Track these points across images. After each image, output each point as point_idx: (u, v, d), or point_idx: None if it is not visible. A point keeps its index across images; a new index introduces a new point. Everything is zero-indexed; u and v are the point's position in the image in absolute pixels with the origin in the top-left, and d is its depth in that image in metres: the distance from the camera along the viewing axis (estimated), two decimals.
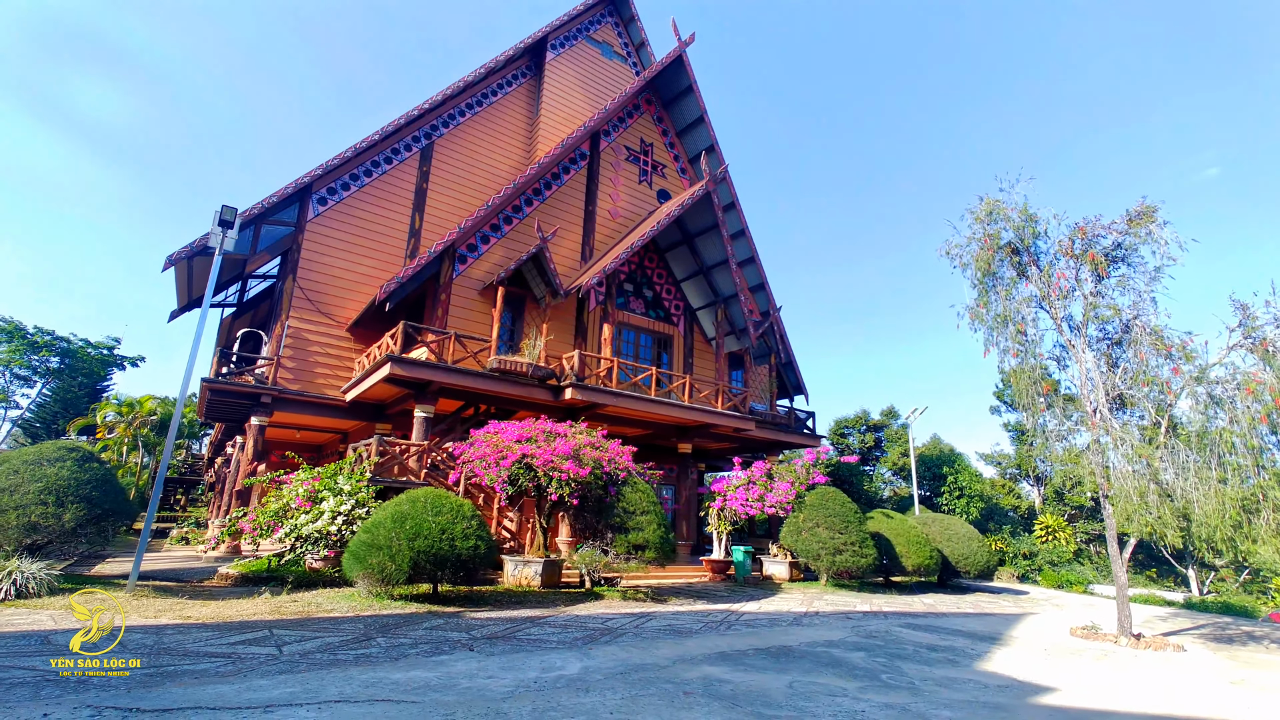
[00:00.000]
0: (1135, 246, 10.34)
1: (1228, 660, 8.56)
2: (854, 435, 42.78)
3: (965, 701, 5.38)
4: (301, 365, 15.02)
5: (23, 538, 7.75)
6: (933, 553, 15.26)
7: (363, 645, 6.08)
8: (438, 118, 18.37)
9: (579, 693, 4.87)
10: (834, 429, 46.79)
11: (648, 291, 18.32)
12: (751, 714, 4.61)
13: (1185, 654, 8.83)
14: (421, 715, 4.11)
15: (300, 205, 15.85)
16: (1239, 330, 9.13)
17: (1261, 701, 6.20)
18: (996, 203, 11.16)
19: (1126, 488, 9.12)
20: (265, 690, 4.47)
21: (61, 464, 8.25)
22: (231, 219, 9.08)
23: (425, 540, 8.15)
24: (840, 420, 46.04)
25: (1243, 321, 9.07)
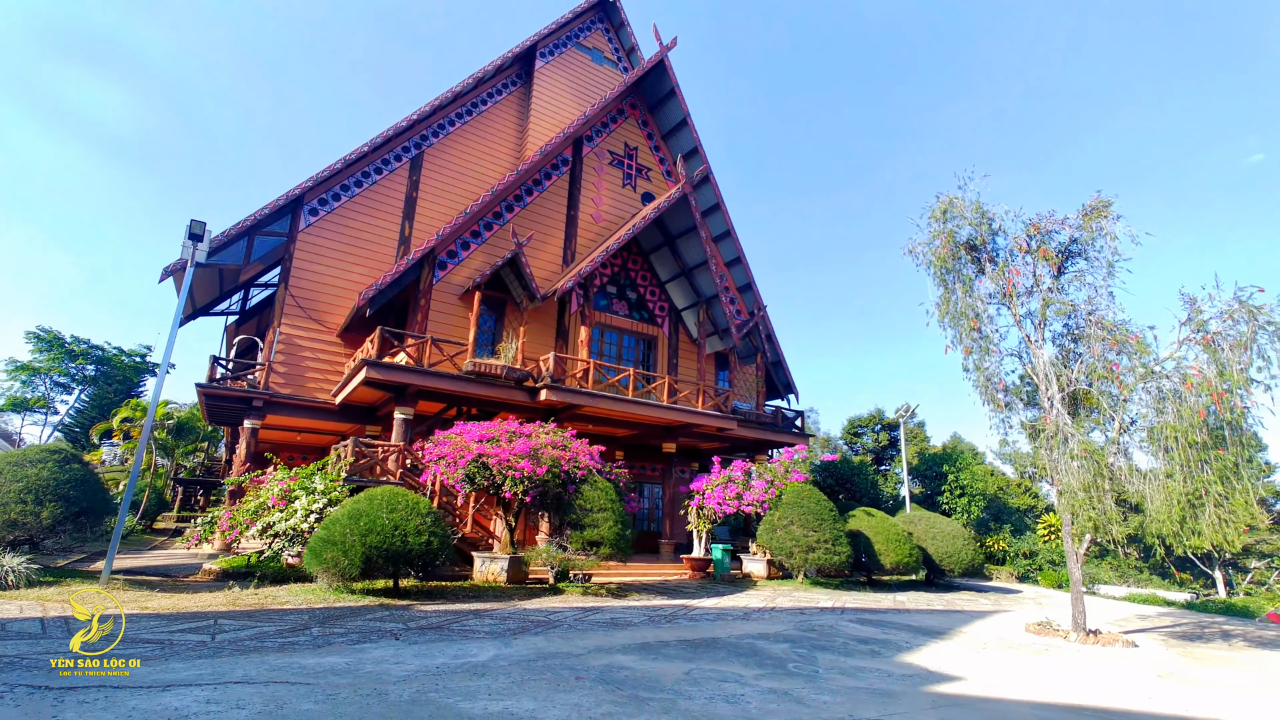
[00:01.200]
0: (1091, 241, 10.30)
1: (1177, 656, 8.51)
2: (868, 434, 42.45)
3: (856, 688, 5.55)
4: (293, 370, 15.61)
5: (4, 534, 8.34)
6: (912, 550, 15.24)
7: (295, 634, 6.46)
8: (428, 128, 18.87)
9: (473, 677, 5.17)
10: (847, 428, 46.43)
11: (631, 294, 18.58)
12: (630, 697, 4.86)
13: (1134, 650, 8.80)
14: (307, 695, 4.44)
15: (292, 216, 16.46)
16: (1189, 324, 9.05)
17: (1170, 691, 6.22)
18: (952, 200, 11.18)
19: (1071, 483, 9.10)
20: (176, 673, 4.86)
21: (42, 465, 8.84)
22: (200, 233, 9.60)
23: (378, 536, 8.53)
24: (854, 419, 45.67)
25: (1191, 316, 8.98)
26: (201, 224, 9.55)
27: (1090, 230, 10.24)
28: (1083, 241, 10.41)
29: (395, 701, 4.39)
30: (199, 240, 9.63)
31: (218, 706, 4.07)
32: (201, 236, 9.67)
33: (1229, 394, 8.12)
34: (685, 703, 4.80)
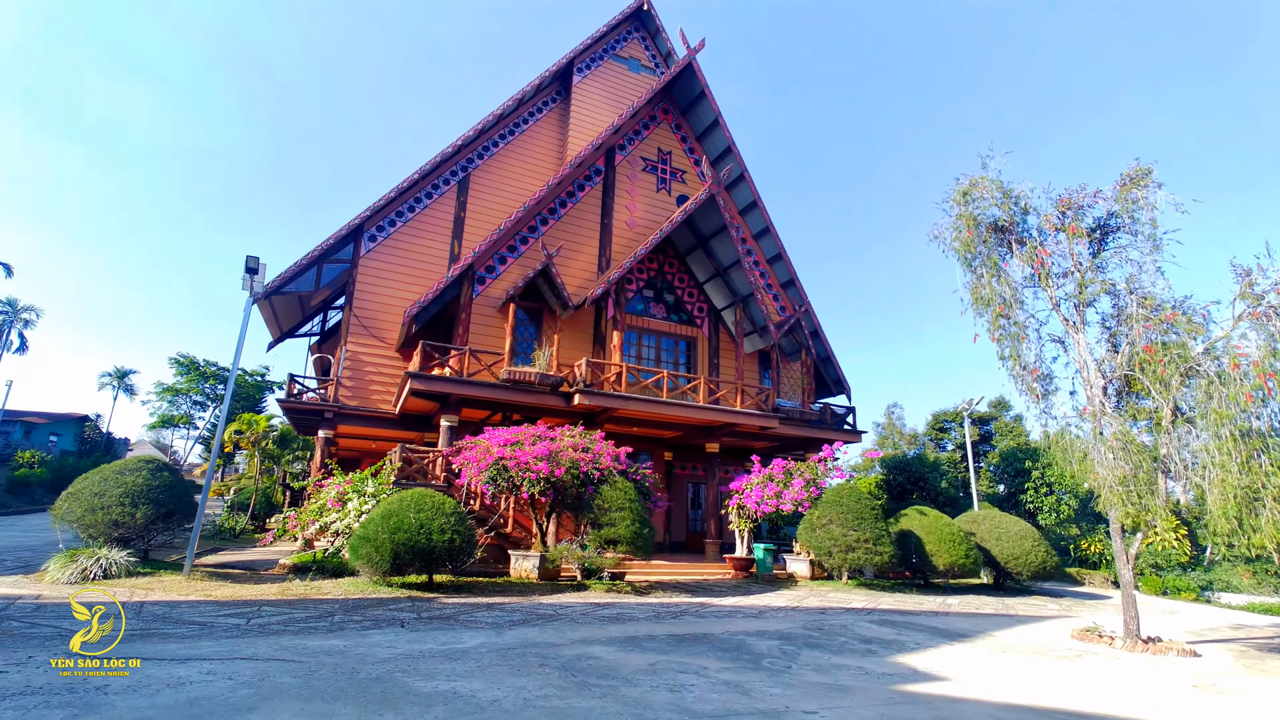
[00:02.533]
0: (1130, 214, 9.46)
1: (1240, 668, 7.68)
2: (955, 429, 40.10)
3: (816, 684, 5.55)
4: (359, 384, 17.09)
5: (110, 531, 9.85)
6: (970, 551, 14.43)
7: (317, 621, 7.26)
8: (473, 151, 20.02)
9: (445, 661, 5.67)
10: (931, 423, 44.06)
11: (669, 296, 18.80)
12: (578, 683, 5.17)
13: (1190, 659, 8.01)
14: (292, 670, 5.09)
15: (354, 243, 18.03)
16: (1244, 299, 8.13)
17: (1191, 701, 5.71)
18: (975, 181, 10.60)
19: (1107, 476, 8.41)
20: (200, 649, 5.69)
21: (138, 473, 10.35)
22: (255, 266, 10.88)
23: (405, 534, 9.32)
24: (939, 414, 43.27)
25: (1243, 290, 8.07)
26: (256, 259, 10.83)
27: (1128, 202, 9.42)
28: (1121, 214, 9.59)
29: (362, 678, 4.95)
30: (255, 274, 10.91)
31: (212, 677, 4.78)
32: (257, 270, 10.95)
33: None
34: (627, 689, 5.04)
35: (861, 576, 15.03)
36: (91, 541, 9.88)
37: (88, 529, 9.84)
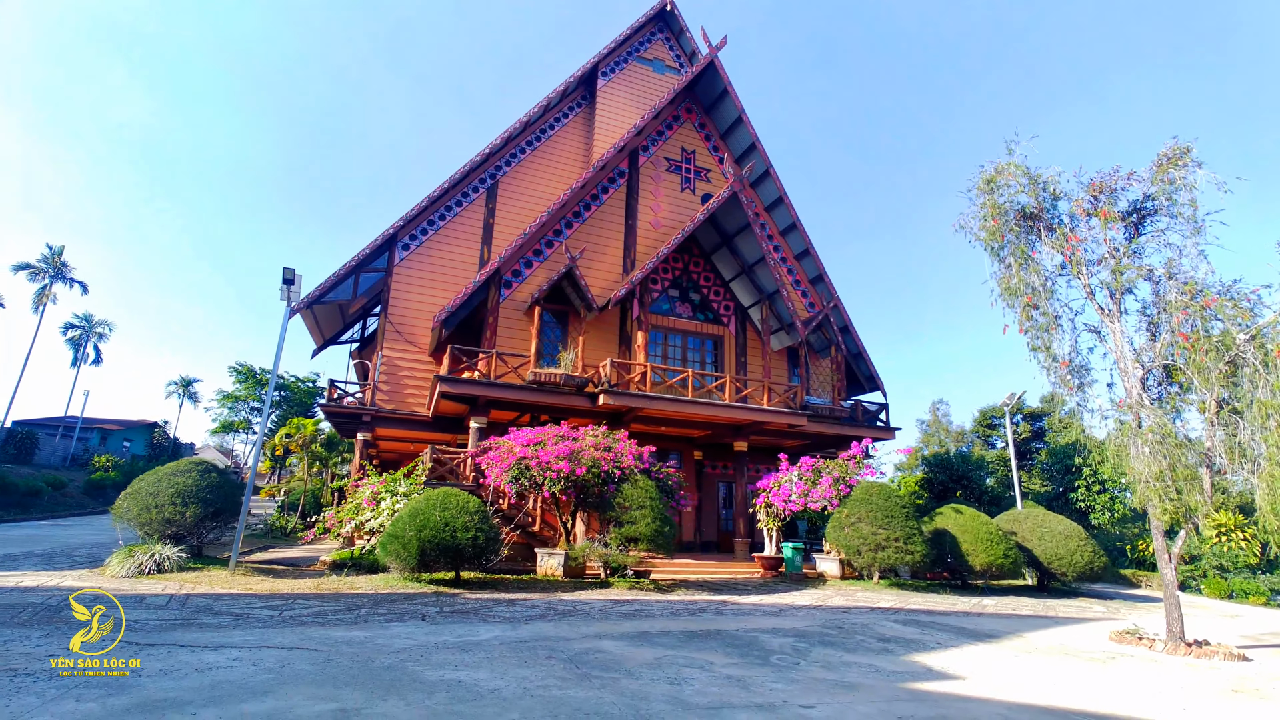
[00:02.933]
0: (1168, 195, 9.01)
1: None
2: (1004, 426, 38.70)
3: (822, 680, 5.52)
4: (395, 388, 17.68)
5: (164, 529, 10.52)
6: (1009, 551, 13.95)
7: (344, 613, 7.61)
8: (501, 158, 20.46)
9: (457, 652, 5.88)
10: (979, 420, 42.65)
11: (695, 295, 18.79)
12: (581, 675, 5.29)
13: (1237, 664, 7.58)
14: (311, 658, 5.38)
15: (389, 253, 18.66)
16: None
17: (1222, 706, 5.43)
18: (1000, 168, 10.28)
19: (1142, 471, 8.03)
20: (232, 637, 6.06)
21: (188, 475, 11.02)
22: (291, 277, 11.45)
23: (430, 531, 9.65)
24: (986, 410, 41.86)
25: None
26: (291, 270, 11.40)
27: (1165, 183, 8.98)
28: (1158, 197, 9.14)
29: (375, 667, 5.19)
30: (291, 285, 11.48)
31: (238, 663, 5.11)
32: (293, 281, 11.52)
33: None
34: (628, 681, 5.14)
35: (895, 576, 14.70)
36: (147, 539, 10.57)
37: (144, 527, 10.54)
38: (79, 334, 48.08)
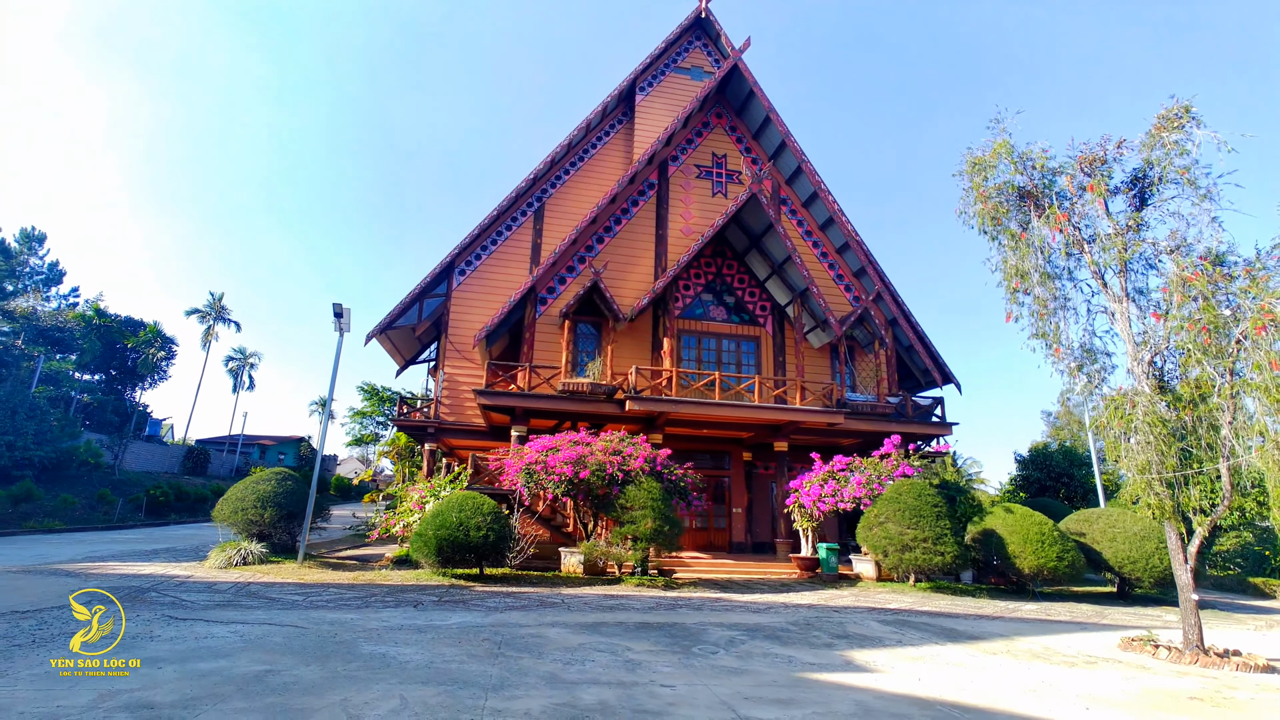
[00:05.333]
0: (1168, 161, 8.22)
1: None
2: None
3: (722, 668, 5.86)
4: (455, 402, 19.46)
5: (249, 529, 12.62)
6: (1064, 553, 12.86)
7: (357, 600, 8.91)
8: (546, 182, 21.79)
9: (414, 633, 6.86)
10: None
11: (729, 298, 18.93)
12: (494, 654, 6.05)
13: (1251, 674, 6.79)
14: (288, 633, 6.59)
15: (448, 279, 20.57)
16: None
17: (1150, 713, 5.09)
18: (991, 148, 9.77)
19: (1133, 462, 7.40)
20: (249, 615, 7.46)
21: (268, 482, 13.11)
22: (340, 311, 13.26)
23: (447, 531, 10.86)
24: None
25: None
26: (340, 304, 13.21)
27: (1165, 146, 8.19)
28: (1159, 163, 8.34)
29: (331, 641, 6.27)
30: (340, 317, 13.31)
31: (230, 634, 6.40)
32: (342, 314, 13.34)
33: None
34: (529, 660, 5.82)
35: (930, 579, 14.01)
36: (237, 536, 12.73)
37: (235, 527, 12.70)
38: (237, 364, 56.39)
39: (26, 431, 25.91)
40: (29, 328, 33.87)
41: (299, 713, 4.06)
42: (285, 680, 4.81)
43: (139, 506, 28.01)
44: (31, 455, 25.65)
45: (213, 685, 4.59)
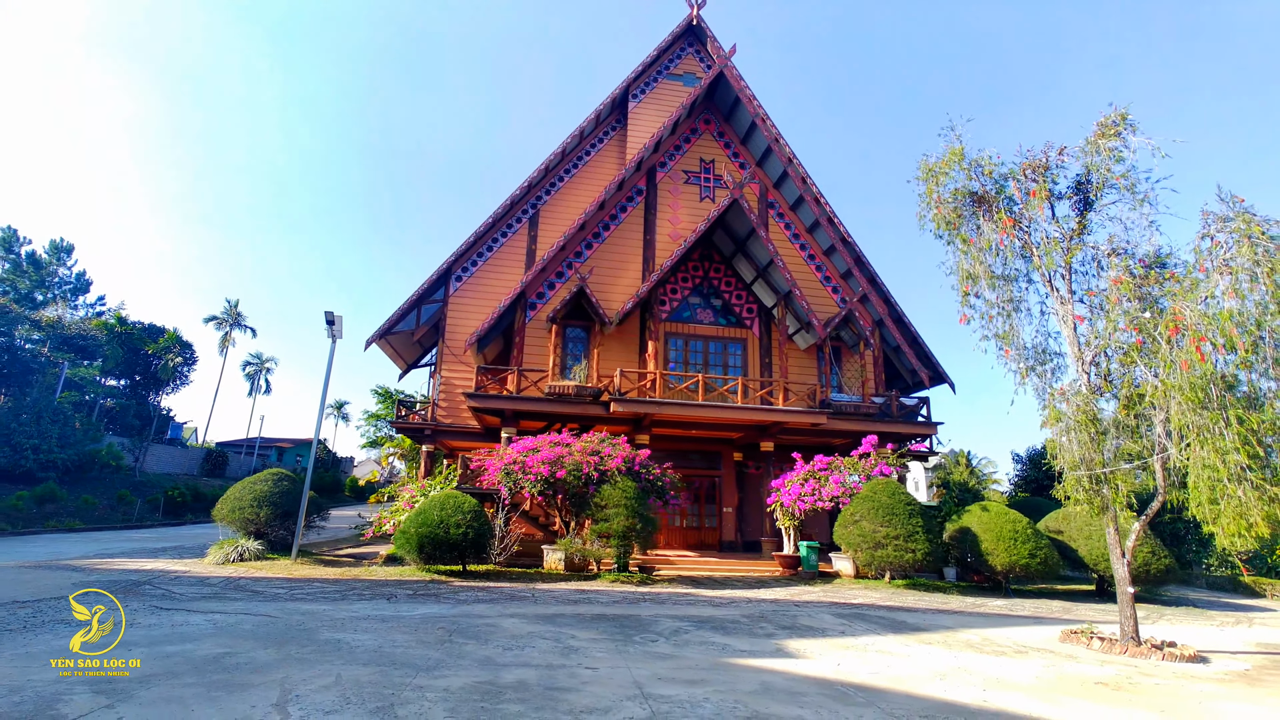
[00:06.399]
0: (1108, 167, 8.44)
1: (1228, 679, 6.62)
2: None
3: (653, 654, 6.25)
4: (452, 404, 20.04)
5: (247, 527, 13.26)
6: (1037, 550, 13.05)
7: (336, 594, 9.44)
8: (541, 189, 22.31)
9: (376, 622, 7.35)
10: None
11: (716, 300, 19.27)
12: (443, 641, 6.51)
13: (1176, 664, 7.02)
14: (257, 621, 7.12)
15: (445, 285, 21.18)
16: (1208, 254, 6.97)
17: (1047, 695, 5.38)
18: (944, 155, 10.05)
19: (1065, 459, 7.65)
20: (228, 606, 8.02)
21: (265, 483, 13.75)
22: (333, 319, 13.86)
23: (427, 528, 11.38)
24: None
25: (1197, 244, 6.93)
26: (331, 313, 13.81)
27: (1103, 153, 8.42)
28: (1098, 169, 8.57)
29: (296, 628, 6.78)
30: (332, 325, 13.91)
31: (205, 622, 6.94)
32: (334, 322, 13.94)
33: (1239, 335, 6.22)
34: (473, 647, 6.27)
35: (916, 576, 14.23)
36: (236, 534, 13.39)
37: (233, 525, 13.36)
38: (254, 369, 57.88)
39: (51, 435, 27.06)
40: (55, 336, 35.22)
41: (239, 687, 4.55)
42: (239, 661, 5.31)
43: (157, 507, 29.08)
44: (55, 458, 26.78)
45: (172, 665, 5.11)
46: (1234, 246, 6.39)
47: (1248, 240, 6.20)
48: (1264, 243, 6.11)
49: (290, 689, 4.54)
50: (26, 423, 26.71)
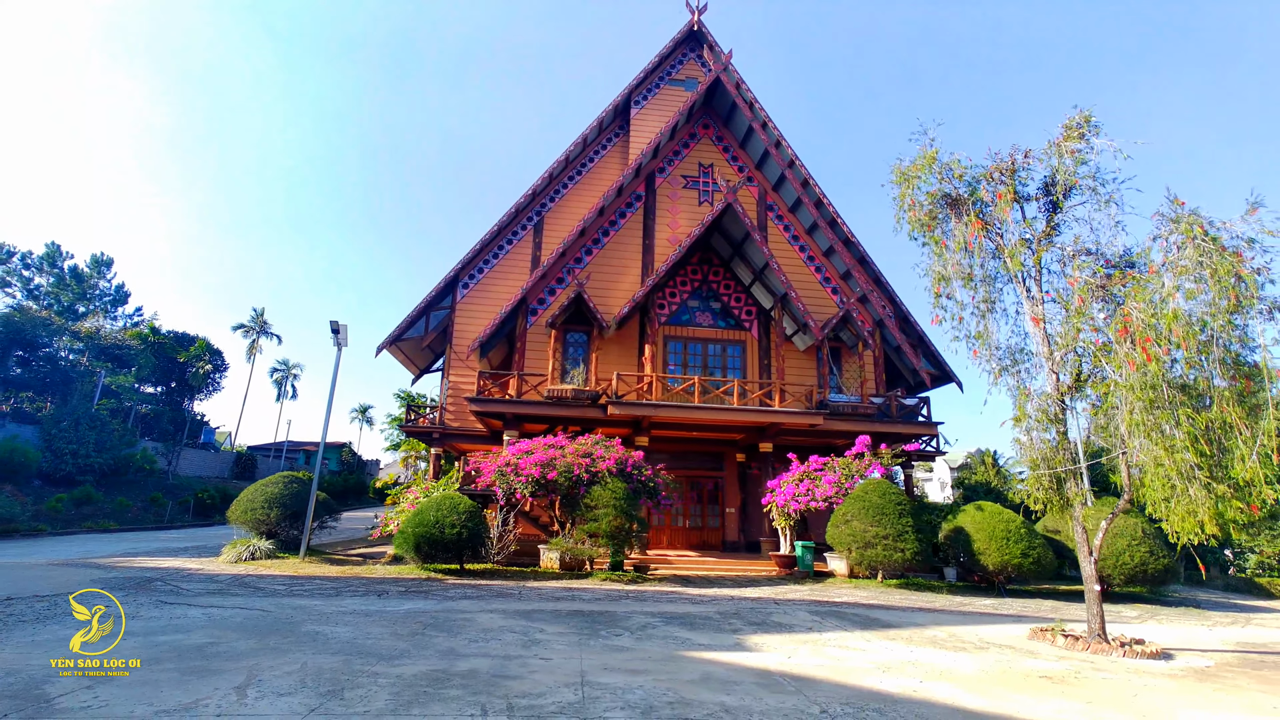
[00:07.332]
0: (1074, 169, 8.50)
1: (1197, 681, 6.67)
2: None
3: (612, 646, 6.57)
4: (459, 408, 20.60)
5: (258, 527, 13.93)
6: (1030, 550, 12.99)
7: (332, 590, 9.95)
8: (546, 196, 22.77)
9: (359, 616, 7.80)
10: None
11: (715, 304, 19.47)
12: (416, 634, 6.91)
13: (1137, 660, 7.07)
14: (249, 614, 7.62)
15: (451, 292, 21.77)
16: (1162, 255, 7.01)
17: (983, 688, 5.55)
18: (928, 158, 10.16)
19: (1027, 458, 7.75)
20: (227, 601, 8.55)
21: (276, 485, 14.42)
22: (337, 328, 14.47)
23: (424, 528, 11.85)
24: None
25: (1148, 246, 6.98)
26: (336, 322, 14.42)
27: (1068, 155, 8.48)
28: (1063, 171, 8.62)
29: (283, 622, 7.26)
30: (337, 333, 14.52)
31: (201, 615, 7.47)
32: (339, 331, 14.55)
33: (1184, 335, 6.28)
34: (442, 639, 6.66)
35: (912, 575, 14.27)
36: (248, 534, 14.06)
37: (246, 525, 14.04)
38: (280, 375, 59.71)
39: (88, 441, 28.46)
40: (93, 346, 36.95)
41: (211, 672, 4.99)
42: (220, 650, 5.77)
43: (187, 509, 30.35)
44: (92, 462, 28.16)
45: (159, 652, 5.59)
46: (1180, 249, 6.44)
47: (1192, 242, 6.26)
48: (1207, 244, 6.17)
49: (256, 674, 4.97)
50: (66, 429, 28.14)
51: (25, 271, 41.89)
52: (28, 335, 32.18)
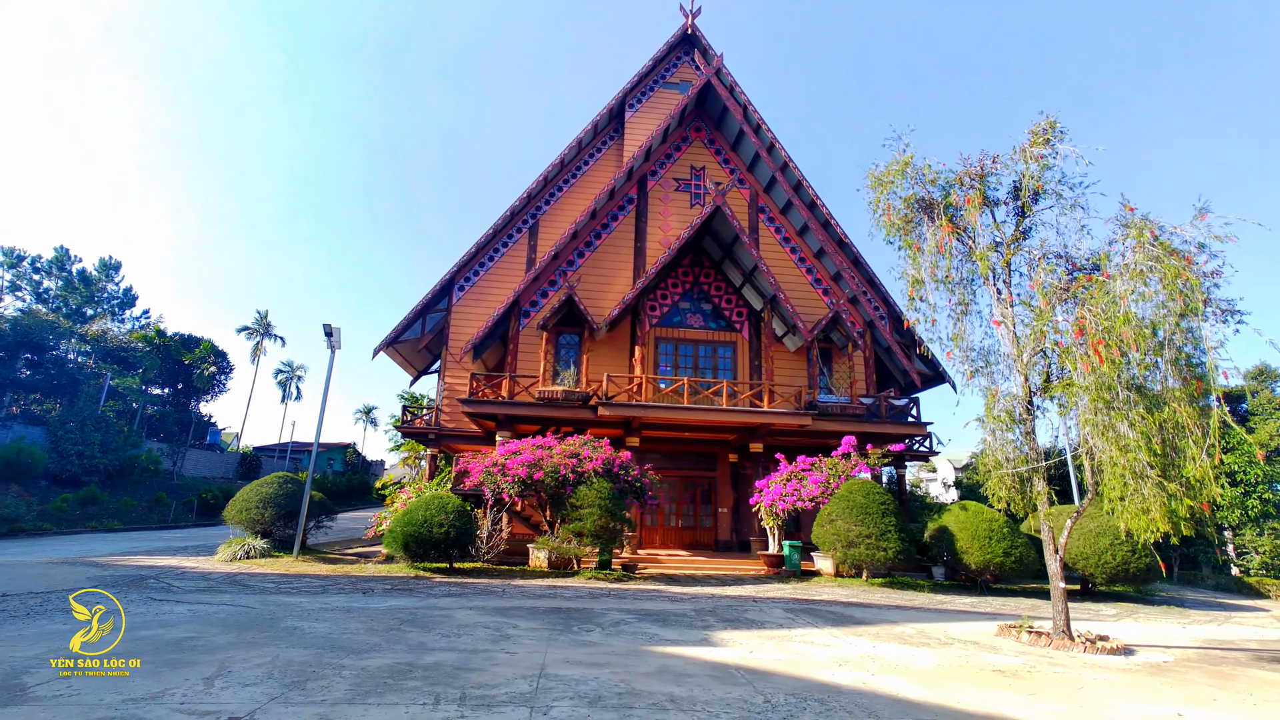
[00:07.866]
0: (1041, 174, 8.64)
1: (1142, 674, 6.80)
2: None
3: (581, 641, 6.77)
4: (455, 409, 20.84)
5: (253, 526, 14.21)
6: (1011, 549, 13.14)
7: (319, 588, 10.20)
8: (540, 199, 23.01)
9: (341, 613, 8.04)
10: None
11: (706, 305, 19.64)
12: (392, 629, 7.13)
13: (1098, 655, 7.20)
14: (232, 610, 7.87)
15: (448, 295, 22.04)
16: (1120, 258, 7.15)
17: (932, 681, 5.71)
18: (903, 163, 10.32)
19: (988, 459, 7.90)
20: (216, 598, 8.81)
21: (270, 485, 14.70)
22: (330, 331, 14.75)
23: (412, 527, 12.10)
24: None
25: (1105, 251, 7.12)
26: (328, 325, 14.70)
27: (1033, 160, 8.62)
28: (1029, 176, 8.76)
29: (264, 618, 7.50)
30: (330, 336, 14.80)
31: (187, 610, 7.72)
32: (332, 334, 14.83)
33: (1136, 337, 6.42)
34: (416, 633, 6.88)
35: (898, 574, 14.41)
36: (244, 534, 14.35)
37: (241, 525, 14.33)
38: (285, 377, 60.27)
39: (94, 442, 28.93)
40: (99, 349, 37.50)
41: (184, 665, 5.23)
42: (197, 644, 6.01)
43: (191, 509, 30.78)
44: (98, 463, 28.62)
45: (137, 647, 5.83)
46: (1132, 252, 6.58)
47: (1143, 246, 6.40)
48: (1156, 248, 6.31)
49: (226, 666, 5.20)
50: (72, 430, 28.62)
51: (35, 275, 42.49)
52: (36, 338, 32.70)
